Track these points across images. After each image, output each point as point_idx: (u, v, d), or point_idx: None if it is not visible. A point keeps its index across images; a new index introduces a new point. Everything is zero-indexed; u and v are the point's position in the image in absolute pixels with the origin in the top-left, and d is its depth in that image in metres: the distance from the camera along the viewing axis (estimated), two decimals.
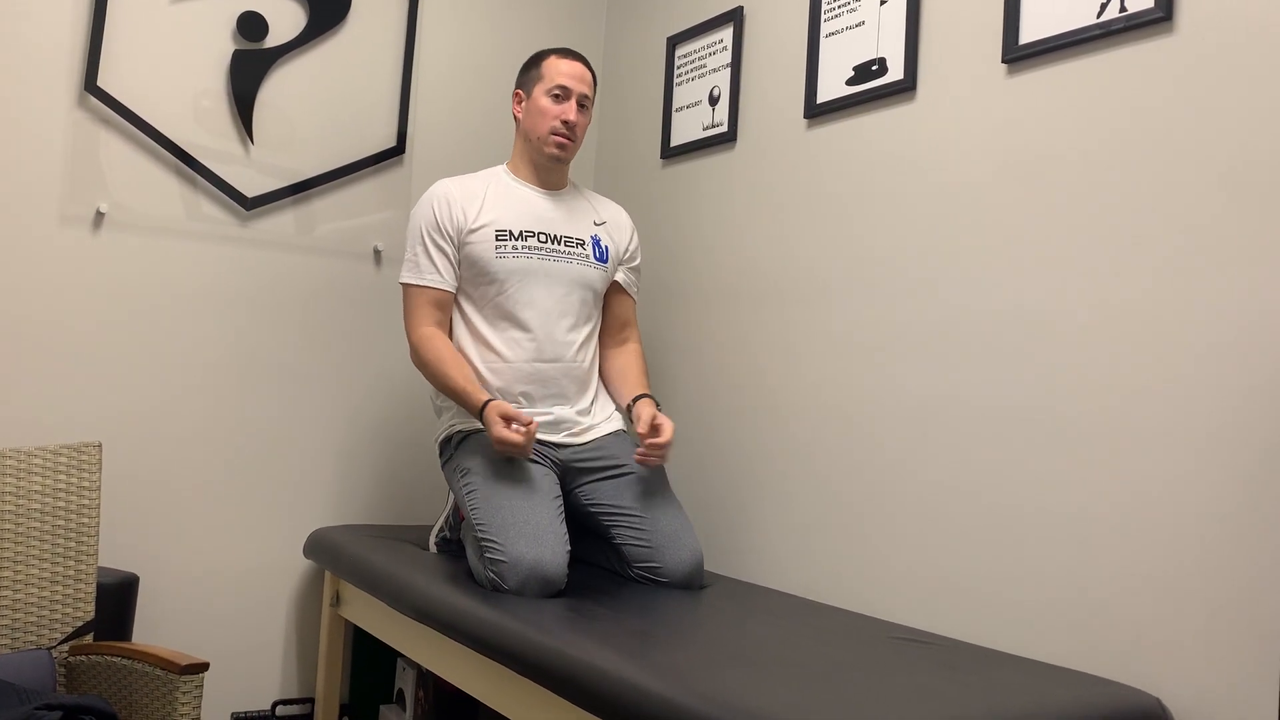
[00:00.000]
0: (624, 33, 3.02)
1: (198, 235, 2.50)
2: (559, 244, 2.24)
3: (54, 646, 1.94)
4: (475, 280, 2.20)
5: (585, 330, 2.27)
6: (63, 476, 2.01)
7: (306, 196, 2.65)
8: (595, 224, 2.32)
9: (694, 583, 2.04)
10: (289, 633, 2.62)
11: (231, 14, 2.54)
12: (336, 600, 2.51)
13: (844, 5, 2.20)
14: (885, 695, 1.37)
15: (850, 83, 2.17)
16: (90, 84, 2.35)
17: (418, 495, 2.78)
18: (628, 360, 2.34)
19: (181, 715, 1.75)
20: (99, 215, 2.38)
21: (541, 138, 2.22)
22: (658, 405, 2.20)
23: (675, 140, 2.71)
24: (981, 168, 1.89)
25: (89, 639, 1.98)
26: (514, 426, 2.00)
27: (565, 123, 2.21)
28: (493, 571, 1.89)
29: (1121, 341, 1.63)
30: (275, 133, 2.60)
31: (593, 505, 2.13)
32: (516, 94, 2.29)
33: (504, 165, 2.34)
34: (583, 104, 2.24)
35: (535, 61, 2.27)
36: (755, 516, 2.30)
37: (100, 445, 2.06)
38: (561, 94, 2.21)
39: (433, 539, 2.32)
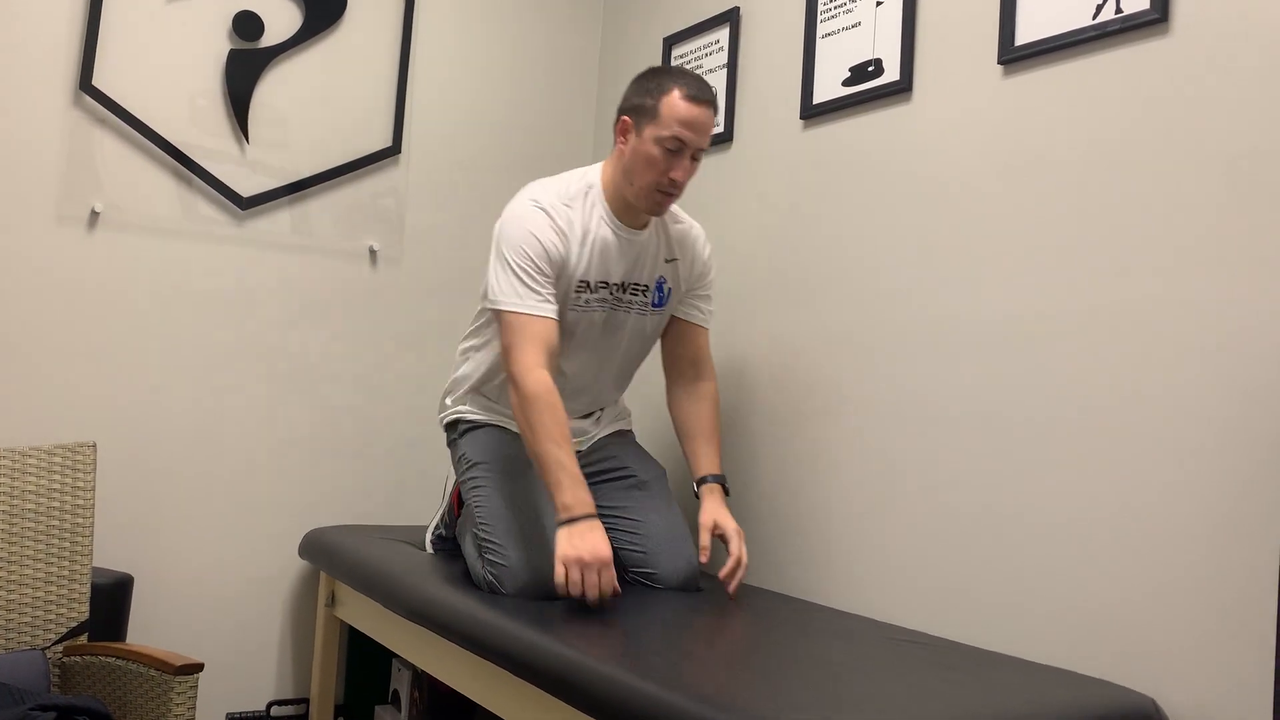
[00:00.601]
0: (621, 33, 3.02)
1: (193, 235, 2.50)
2: (624, 291, 2.05)
3: (48, 647, 1.93)
4: None
5: (624, 376, 2.21)
6: (57, 476, 2.00)
7: (302, 196, 2.64)
8: (665, 261, 2.09)
9: (689, 589, 2.03)
10: (284, 633, 2.62)
11: (227, 13, 2.54)
12: (332, 601, 2.50)
13: (840, 6, 2.20)
14: (881, 696, 1.37)
15: (846, 83, 2.17)
16: (85, 83, 2.35)
17: (413, 495, 2.78)
18: (699, 414, 2.14)
19: (176, 716, 1.75)
20: (94, 215, 2.38)
21: (643, 189, 1.94)
22: (725, 488, 2.07)
23: None
24: (977, 169, 1.89)
25: (83, 639, 1.98)
26: (606, 576, 1.75)
27: (674, 180, 1.93)
28: (491, 574, 1.89)
29: (1117, 343, 1.63)
30: (271, 132, 2.60)
31: None
32: (624, 121, 1.96)
33: (599, 181, 2.02)
34: (697, 156, 1.95)
35: (654, 90, 1.93)
36: (751, 518, 2.30)
37: (95, 445, 2.06)
38: (677, 148, 1.90)
39: (428, 538, 2.31)
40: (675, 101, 1.89)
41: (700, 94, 1.91)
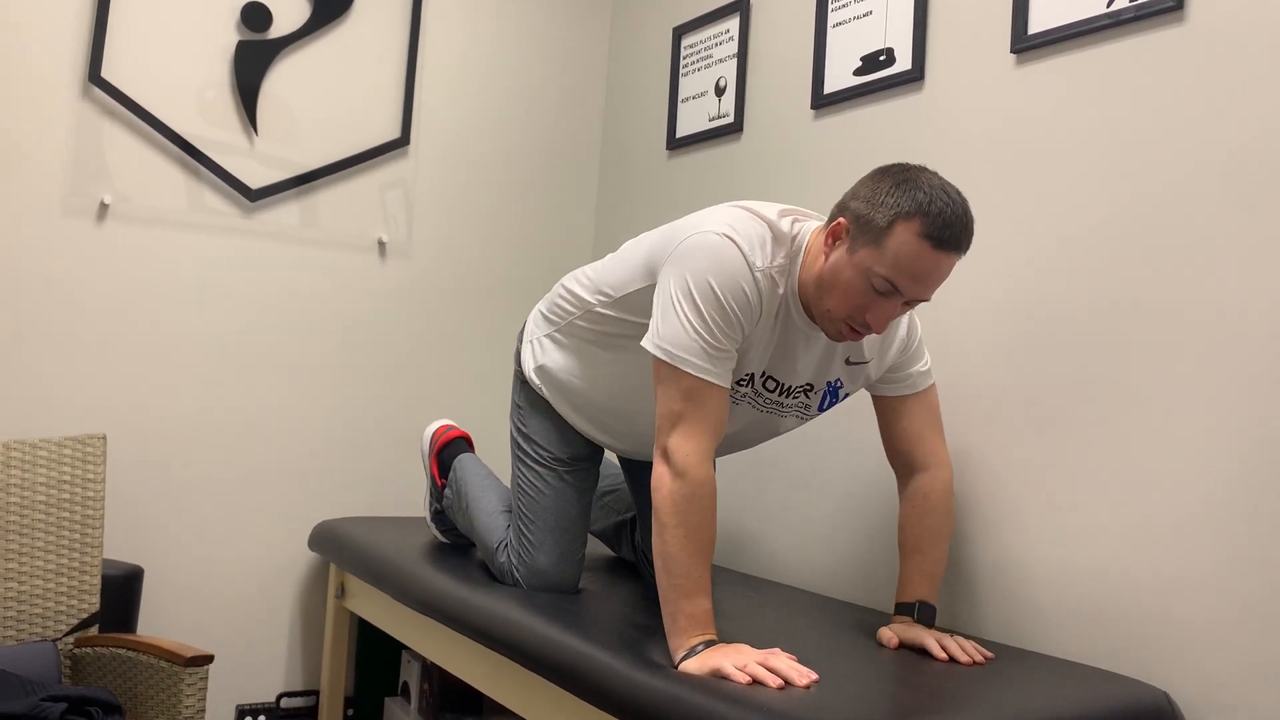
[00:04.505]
0: (630, 23, 3.01)
1: (201, 227, 2.50)
2: (784, 394, 1.66)
3: (59, 638, 1.94)
4: None
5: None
6: (68, 469, 2.00)
7: (310, 188, 2.64)
8: (849, 363, 1.67)
9: None
10: (294, 625, 2.62)
11: (235, 4, 2.53)
12: (341, 592, 2.50)
13: None
14: (891, 690, 1.36)
15: (858, 73, 2.15)
16: (94, 75, 2.35)
17: (423, 487, 2.78)
18: (928, 529, 1.69)
19: (186, 707, 1.75)
20: (103, 207, 2.38)
21: (828, 315, 1.51)
22: (928, 612, 1.65)
23: (681, 131, 2.70)
24: (989, 158, 1.87)
25: (94, 631, 1.98)
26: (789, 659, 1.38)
27: (868, 323, 1.49)
28: (516, 571, 1.87)
29: (1128, 335, 1.62)
30: (279, 124, 2.59)
31: (635, 482, 2.07)
32: (840, 223, 1.47)
33: (799, 264, 1.55)
34: (912, 303, 1.52)
35: (892, 206, 1.42)
36: (762, 511, 2.29)
37: (105, 437, 2.06)
38: (887, 291, 1.45)
39: (427, 517, 2.29)
40: (910, 238, 1.41)
41: (946, 236, 1.41)
